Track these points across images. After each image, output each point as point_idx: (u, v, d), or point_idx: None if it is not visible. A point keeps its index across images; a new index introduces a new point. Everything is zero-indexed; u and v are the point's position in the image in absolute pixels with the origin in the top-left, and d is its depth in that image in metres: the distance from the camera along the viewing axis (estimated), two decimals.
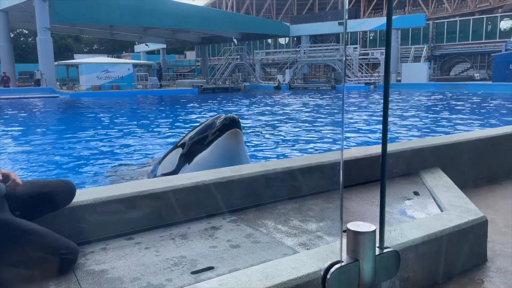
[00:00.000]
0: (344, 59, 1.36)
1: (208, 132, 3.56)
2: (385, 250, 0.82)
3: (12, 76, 30.19)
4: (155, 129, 11.30)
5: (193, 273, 1.93)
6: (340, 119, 1.97)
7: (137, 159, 7.17)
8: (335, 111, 15.04)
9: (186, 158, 3.66)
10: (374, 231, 0.79)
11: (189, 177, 2.76)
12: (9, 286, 1.80)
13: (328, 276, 0.76)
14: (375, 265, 0.79)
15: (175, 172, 3.66)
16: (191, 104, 19.72)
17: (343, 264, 0.78)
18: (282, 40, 49.51)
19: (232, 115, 3.53)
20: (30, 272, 1.88)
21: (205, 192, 2.66)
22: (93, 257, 2.11)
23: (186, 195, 2.59)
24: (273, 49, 48.16)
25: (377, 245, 0.82)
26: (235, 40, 36.91)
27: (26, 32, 55.76)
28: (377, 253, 0.80)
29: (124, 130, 10.97)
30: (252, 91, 30.38)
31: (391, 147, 3.62)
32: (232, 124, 3.45)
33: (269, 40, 49.94)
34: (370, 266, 0.79)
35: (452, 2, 48.70)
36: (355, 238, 0.79)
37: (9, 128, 11.70)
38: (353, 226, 0.80)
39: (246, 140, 3.82)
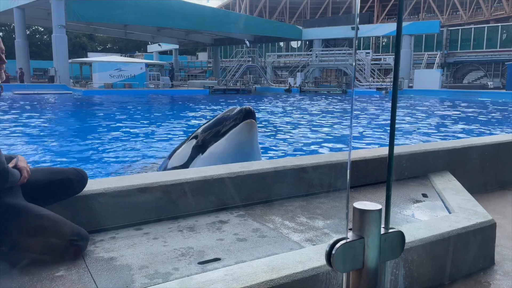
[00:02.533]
0: (354, 64, 1.38)
1: (223, 123, 3.52)
2: (390, 230, 0.84)
3: (27, 72, 30.70)
4: (165, 127, 11.39)
5: (200, 263, 1.95)
6: (349, 121, 1.98)
7: (147, 155, 7.24)
8: (346, 114, 15.00)
9: (200, 149, 3.61)
10: (380, 210, 0.81)
11: (198, 171, 2.78)
12: (20, 269, 1.84)
13: (333, 252, 0.78)
14: (380, 243, 0.81)
15: (187, 163, 3.64)
16: (202, 105, 19.81)
17: (348, 240, 0.80)
18: (294, 44, 49.51)
19: (248, 106, 3.49)
20: (41, 257, 1.91)
21: (214, 187, 2.68)
22: (102, 245, 2.14)
23: (195, 189, 2.61)
24: (285, 52, 48.20)
25: (382, 225, 0.85)
26: (247, 42, 37.01)
27: (42, 29, 56.65)
28: (382, 232, 0.82)
29: (135, 127, 11.08)
30: (263, 94, 30.42)
31: (401, 149, 3.61)
32: (248, 114, 3.41)
33: (281, 43, 49.96)
34: (375, 243, 0.81)
35: (467, 10, 48.33)
36: (361, 216, 0.81)
37: (25, 121, 11.90)
38: (359, 205, 0.82)
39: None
